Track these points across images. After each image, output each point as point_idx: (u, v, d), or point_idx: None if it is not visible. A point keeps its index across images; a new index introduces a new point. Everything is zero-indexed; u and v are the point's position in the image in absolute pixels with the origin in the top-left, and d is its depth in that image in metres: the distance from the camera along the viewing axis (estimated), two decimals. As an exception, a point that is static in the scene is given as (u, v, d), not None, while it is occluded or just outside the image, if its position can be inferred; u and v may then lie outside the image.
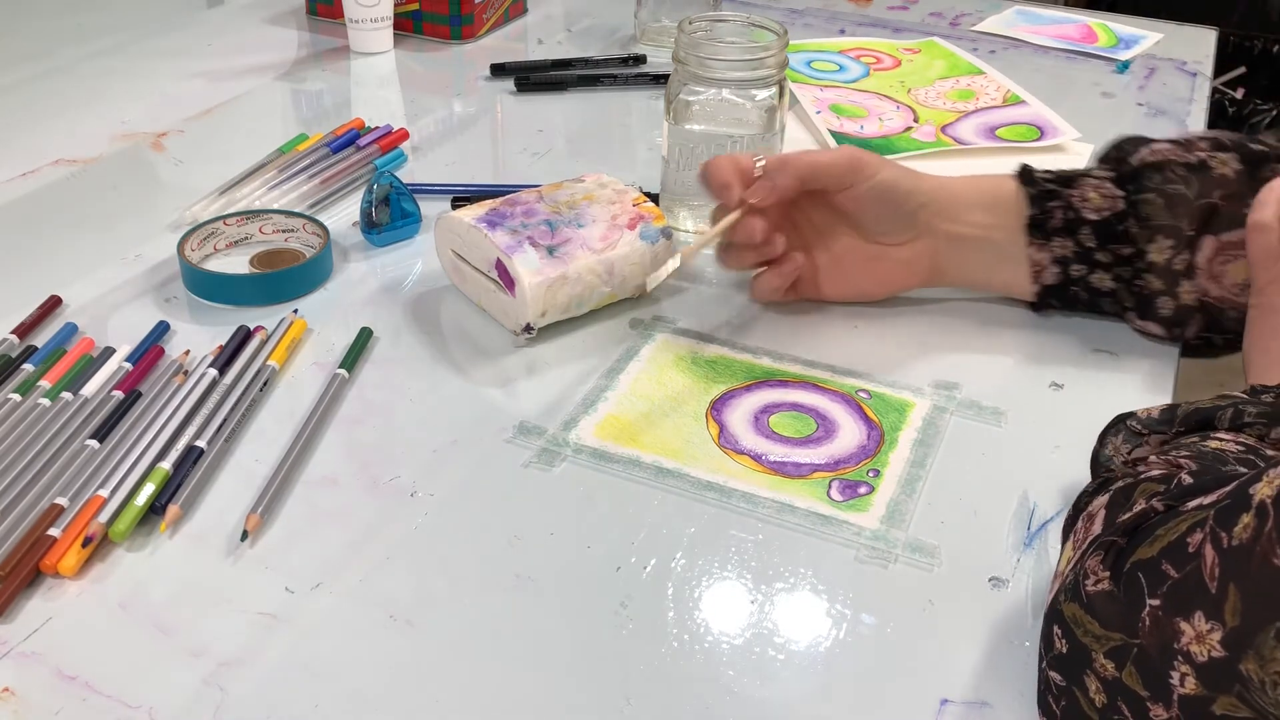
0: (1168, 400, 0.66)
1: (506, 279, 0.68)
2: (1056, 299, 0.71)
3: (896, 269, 0.72)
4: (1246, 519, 0.38)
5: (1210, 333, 0.67)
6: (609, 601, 0.52)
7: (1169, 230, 0.66)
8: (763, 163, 0.70)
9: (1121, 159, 0.69)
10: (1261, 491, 0.38)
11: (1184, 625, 0.39)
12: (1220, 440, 0.48)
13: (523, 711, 0.47)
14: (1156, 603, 0.40)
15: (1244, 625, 0.37)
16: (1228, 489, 0.40)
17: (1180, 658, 0.39)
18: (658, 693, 0.47)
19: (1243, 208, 0.64)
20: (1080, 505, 0.48)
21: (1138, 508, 0.44)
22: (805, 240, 0.72)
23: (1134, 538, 0.42)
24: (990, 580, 0.53)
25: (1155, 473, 0.46)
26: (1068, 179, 0.69)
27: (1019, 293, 0.72)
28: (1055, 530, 0.56)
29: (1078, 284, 0.69)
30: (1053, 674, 0.44)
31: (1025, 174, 0.70)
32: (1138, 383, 0.67)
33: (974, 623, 0.51)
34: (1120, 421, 0.53)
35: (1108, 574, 0.42)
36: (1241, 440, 0.48)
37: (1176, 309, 0.67)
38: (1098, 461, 0.53)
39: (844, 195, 0.70)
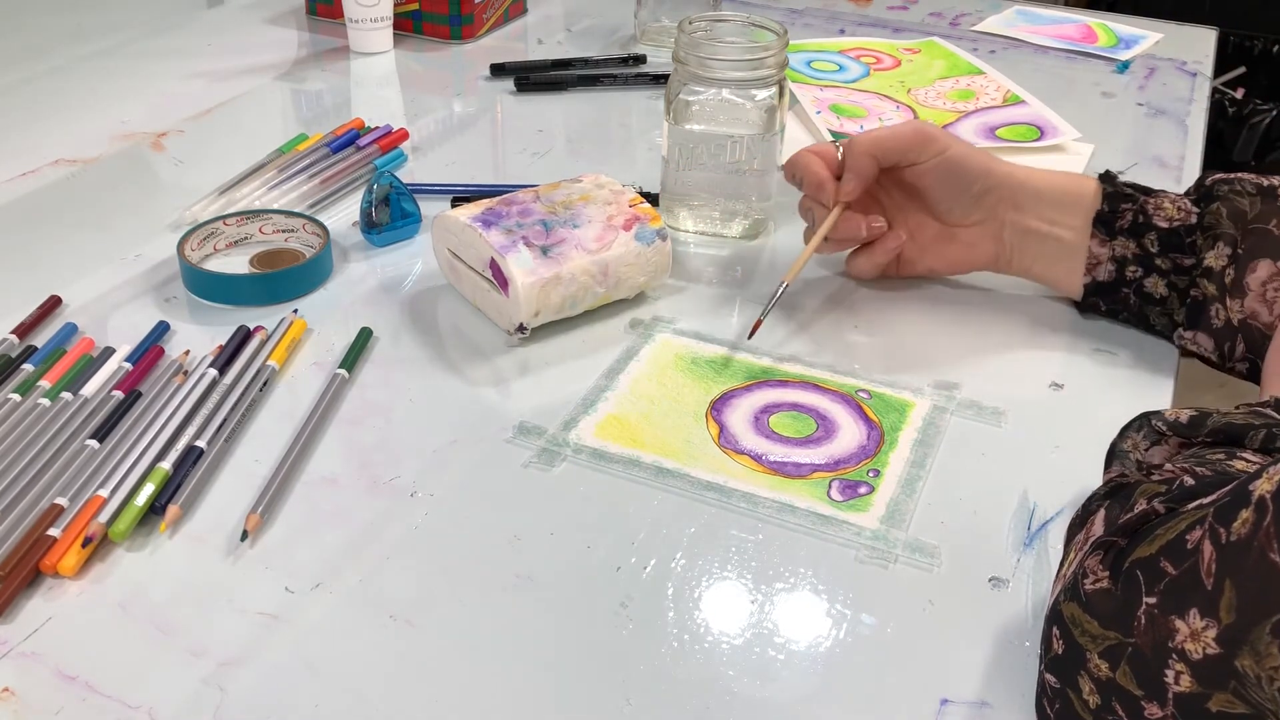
0: (1167, 401, 0.66)
1: (500, 278, 0.68)
2: (1105, 298, 0.70)
3: (962, 250, 0.74)
4: (1245, 514, 0.38)
5: (1255, 356, 0.65)
6: (609, 601, 0.52)
7: (1227, 239, 0.65)
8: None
9: (1202, 182, 0.69)
10: (1261, 487, 0.38)
11: (1178, 623, 0.39)
12: (1246, 462, 0.46)
13: (523, 711, 0.47)
14: (1153, 600, 0.40)
15: (1239, 621, 0.37)
16: (1228, 488, 0.40)
17: (1175, 656, 0.39)
18: (658, 693, 0.47)
19: None
20: (1089, 508, 0.48)
21: (1139, 509, 0.43)
22: (884, 217, 0.74)
23: (1134, 538, 0.42)
24: (990, 580, 0.53)
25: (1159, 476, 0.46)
26: (1148, 190, 0.69)
27: (1069, 288, 0.72)
28: (1055, 530, 0.56)
29: (1130, 285, 0.69)
30: (1048, 676, 0.44)
31: (1107, 176, 0.70)
32: (1138, 383, 0.67)
33: (974, 623, 0.51)
34: (1144, 419, 0.52)
35: (1107, 573, 0.42)
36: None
37: (1225, 323, 0.65)
38: (1113, 454, 0.53)
39: (912, 170, 0.71)
